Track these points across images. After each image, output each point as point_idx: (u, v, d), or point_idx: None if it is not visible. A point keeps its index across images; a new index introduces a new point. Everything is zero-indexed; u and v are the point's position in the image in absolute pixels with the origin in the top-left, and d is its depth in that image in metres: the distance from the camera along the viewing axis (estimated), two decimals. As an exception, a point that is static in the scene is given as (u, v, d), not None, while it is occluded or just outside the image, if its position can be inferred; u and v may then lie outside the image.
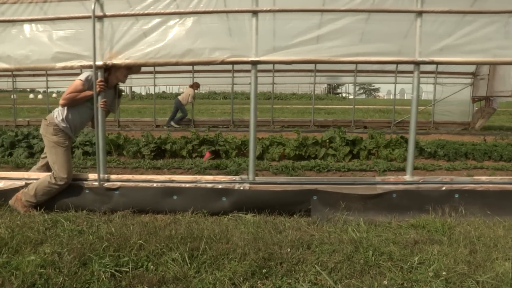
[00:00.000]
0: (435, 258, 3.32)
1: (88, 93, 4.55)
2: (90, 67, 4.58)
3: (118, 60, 4.57)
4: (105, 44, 4.57)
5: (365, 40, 4.64)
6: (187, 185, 4.65)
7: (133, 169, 6.99)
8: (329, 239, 3.69)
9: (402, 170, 6.98)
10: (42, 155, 5.00)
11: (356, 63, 4.49)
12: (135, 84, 21.06)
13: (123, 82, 4.90)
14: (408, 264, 3.23)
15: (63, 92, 4.77)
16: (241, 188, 4.61)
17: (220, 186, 4.61)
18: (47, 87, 16.72)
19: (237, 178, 4.75)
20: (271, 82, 15.73)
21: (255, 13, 4.45)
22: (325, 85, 45.80)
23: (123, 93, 5.44)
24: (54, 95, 36.34)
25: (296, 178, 5.32)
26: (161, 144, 8.15)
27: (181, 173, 6.67)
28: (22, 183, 4.71)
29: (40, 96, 43.60)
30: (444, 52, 4.53)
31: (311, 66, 14.46)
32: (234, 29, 4.68)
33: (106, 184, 4.69)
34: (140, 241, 3.55)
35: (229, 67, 14.81)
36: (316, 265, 3.16)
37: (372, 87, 66.82)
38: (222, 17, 4.61)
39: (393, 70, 15.09)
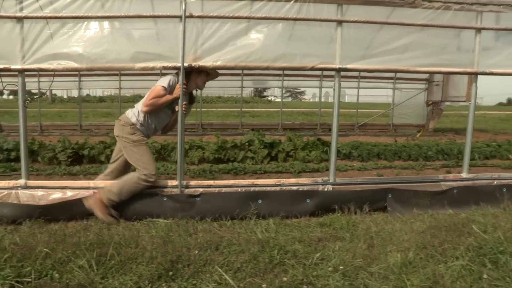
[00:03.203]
0: (336, 254, 3.53)
1: (169, 97, 4.44)
2: (172, 68, 4.48)
3: (204, 63, 4.49)
4: (190, 45, 4.45)
5: (437, 52, 5.00)
6: (271, 188, 4.74)
7: (47, 176, 6.69)
8: (238, 240, 3.80)
9: (317, 171, 7.29)
10: (111, 161, 4.85)
11: (431, 73, 4.88)
12: (57, 87, 20.17)
13: (201, 88, 4.87)
14: (310, 260, 3.40)
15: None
16: (325, 189, 4.87)
17: (305, 188, 4.81)
18: (39, 88, 15.72)
19: (319, 180, 5.03)
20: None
21: (340, 22, 4.68)
22: (252, 89, 46.33)
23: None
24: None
25: (371, 178, 5.67)
26: (78, 149, 7.90)
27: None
28: (90, 192, 4.48)
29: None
30: (498, 64, 5.10)
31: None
32: (321, 37, 4.81)
33: (187, 191, 4.57)
34: (46, 250, 3.45)
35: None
36: (222, 266, 3.25)
37: (298, 91, 68.36)
38: (310, 25, 4.73)
39: (318, 74, 15.66)
